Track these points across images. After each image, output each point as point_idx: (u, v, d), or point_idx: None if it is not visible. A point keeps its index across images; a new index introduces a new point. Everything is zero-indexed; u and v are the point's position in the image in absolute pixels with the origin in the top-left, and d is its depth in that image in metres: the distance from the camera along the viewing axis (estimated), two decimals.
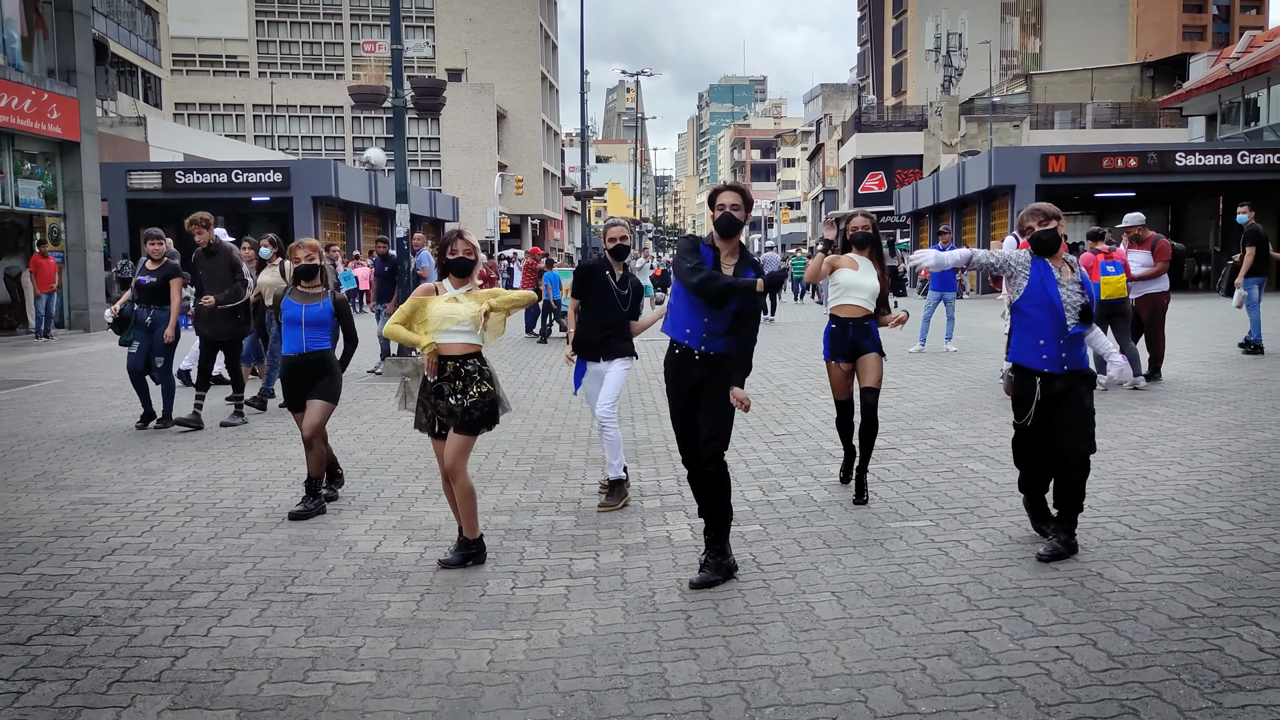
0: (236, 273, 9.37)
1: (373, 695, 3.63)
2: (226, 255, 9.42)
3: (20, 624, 4.33)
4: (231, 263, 9.39)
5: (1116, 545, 5.14)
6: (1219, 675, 3.57)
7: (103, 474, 7.33)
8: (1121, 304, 10.47)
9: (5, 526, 5.88)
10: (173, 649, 4.06)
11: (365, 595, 4.69)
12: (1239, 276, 12.95)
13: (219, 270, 9.33)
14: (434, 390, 5.05)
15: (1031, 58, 73.10)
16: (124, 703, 3.57)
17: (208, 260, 9.39)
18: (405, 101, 14.27)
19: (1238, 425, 8.33)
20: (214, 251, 9.38)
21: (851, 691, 3.56)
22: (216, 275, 9.31)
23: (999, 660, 3.77)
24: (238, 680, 3.76)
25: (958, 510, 5.92)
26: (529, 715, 3.46)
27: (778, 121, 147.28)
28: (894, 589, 4.60)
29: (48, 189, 21.29)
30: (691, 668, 3.81)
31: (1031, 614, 4.23)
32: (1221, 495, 6.09)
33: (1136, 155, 31.97)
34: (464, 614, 4.44)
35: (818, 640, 4.03)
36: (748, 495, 6.43)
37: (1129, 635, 3.96)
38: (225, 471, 7.37)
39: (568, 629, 4.24)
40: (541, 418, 9.66)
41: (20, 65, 20.29)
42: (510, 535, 5.65)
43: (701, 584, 4.69)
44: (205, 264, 9.40)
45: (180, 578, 4.94)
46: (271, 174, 32.89)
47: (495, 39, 75.41)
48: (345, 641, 4.13)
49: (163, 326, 9.14)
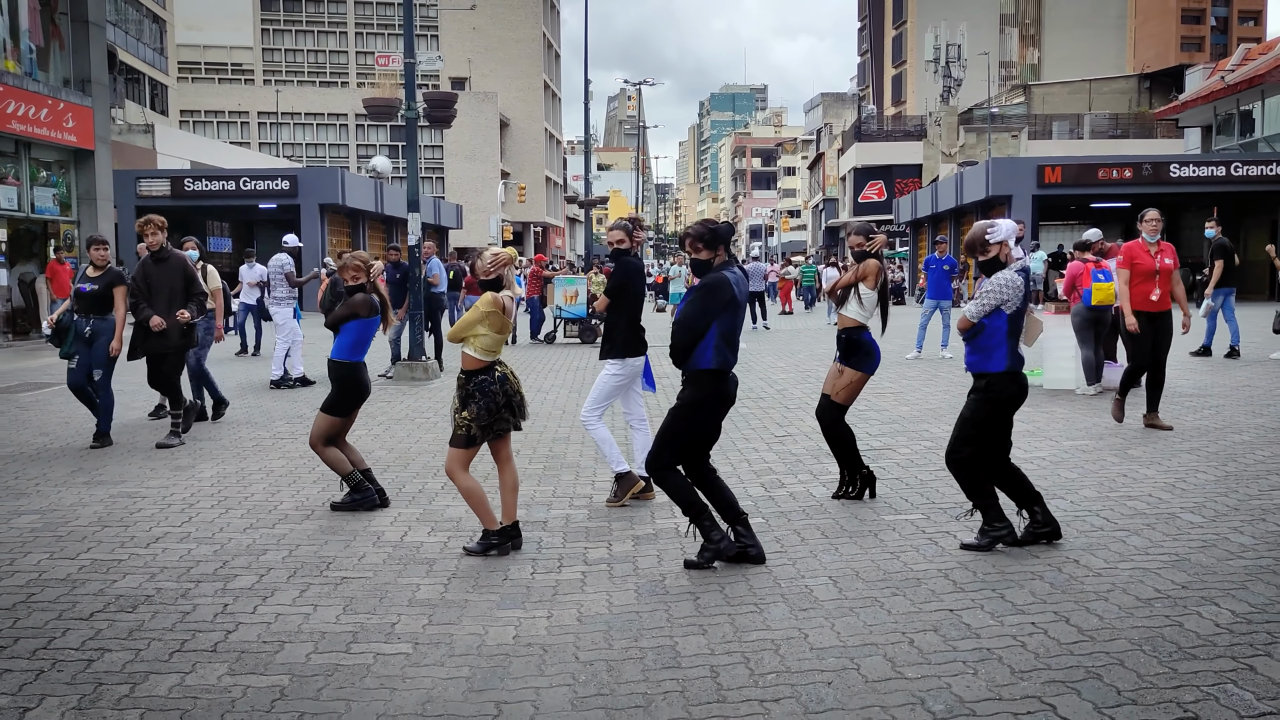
0: (193, 285, 8.67)
1: (410, 664, 4.00)
2: (180, 264, 8.66)
3: (81, 602, 4.70)
4: (187, 274, 8.65)
5: (1094, 536, 5.52)
6: (1176, 646, 3.95)
7: (135, 470, 7.71)
8: (1106, 311, 10.84)
9: (53, 517, 6.26)
10: (224, 624, 4.43)
11: (396, 579, 5.06)
12: (1209, 287, 13.69)
13: (170, 279, 8.56)
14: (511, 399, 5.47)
15: (1030, 69, 73.66)
16: (186, 669, 3.94)
17: (156, 267, 8.59)
18: (418, 114, 14.69)
19: (1218, 428, 8.71)
20: (164, 258, 8.63)
21: (845, 660, 3.93)
22: (165, 284, 8.54)
23: (980, 634, 4.15)
24: (286, 651, 4.13)
25: (948, 505, 6.29)
26: (553, 681, 3.83)
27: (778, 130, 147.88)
28: (886, 574, 4.98)
29: (63, 196, 21.71)
30: (700, 641, 4.18)
31: (1011, 595, 4.60)
32: (1196, 491, 6.47)
33: (1131, 166, 32.42)
34: (489, 595, 4.81)
35: (815, 618, 4.40)
36: (750, 491, 6.81)
37: (1099, 613, 4.34)
38: (253, 469, 7.75)
39: (585, 609, 4.61)
40: (551, 420, 10.04)
41: (38, 75, 20.73)
42: (528, 527, 6.02)
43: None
44: (154, 271, 8.59)
45: (223, 563, 5.31)
46: (279, 181, 33.34)
47: (498, 48, 76.02)
48: (381, 619, 4.50)
49: (104, 337, 8.52)
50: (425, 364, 13.80)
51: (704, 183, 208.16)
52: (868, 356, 6.37)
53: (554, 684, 3.79)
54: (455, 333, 5.47)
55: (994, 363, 5.24)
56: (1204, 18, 79.45)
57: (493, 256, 5.59)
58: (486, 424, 5.37)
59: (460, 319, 5.54)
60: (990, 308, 5.21)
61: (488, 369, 5.43)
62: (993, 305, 5.21)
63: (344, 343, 6.38)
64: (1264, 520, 5.76)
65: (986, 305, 5.22)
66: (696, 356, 5.08)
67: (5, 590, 4.87)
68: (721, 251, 5.22)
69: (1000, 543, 5.29)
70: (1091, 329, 10.79)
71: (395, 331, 13.92)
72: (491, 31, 75.90)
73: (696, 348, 5.07)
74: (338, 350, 6.39)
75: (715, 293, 5.06)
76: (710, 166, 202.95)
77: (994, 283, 5.23)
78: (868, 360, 6.37)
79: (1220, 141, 38.45)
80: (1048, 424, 9.14)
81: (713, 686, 3.72)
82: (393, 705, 3.61)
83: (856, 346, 6.36)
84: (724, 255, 5.22)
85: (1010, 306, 5.21)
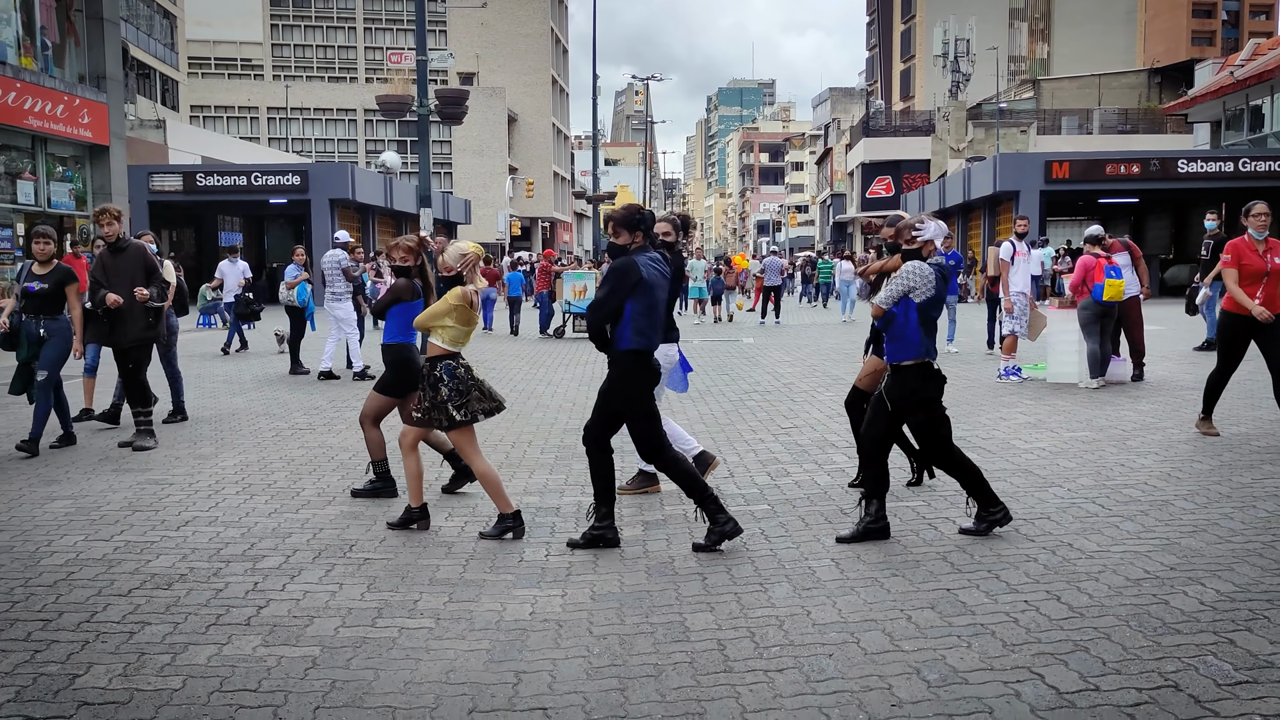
0: (154, 275, 8.29)
1: (434, 637, 4.22)
2: (139, 254, 8.28)
3: (119, 580, 4.94)
4: (146, 264, 8.27)
5: (1088, 521, 5.72)
6: (1161, 622, 4.15)
7: (161, 458, 7.95)
8: (1115, 307, 11.00)
9: (85, 503, 6.50)
10: (255, 600, 4.66)
11: (416, 560, 5.28)
12: (1208, 277, 13.78)
13: (128, 269, 8.18)
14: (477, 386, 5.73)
15: (1039, 63, 73.59)
16: (223, 640, 4.17)
17: (114, 258, 8.21)
18: (430, 111, 14.92)
19: (1216, 420, 8.87)
20: (121, 248, 8.25)
21: (846, 635, 4.14)
22: (124, 275, 8.14)
23: (974, 611, 4.35)
24: (316, 625, 4.35)
25: (949, 493, 6.48)
26: (568, 653, 4.04)
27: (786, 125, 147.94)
28: (887, 556, 5.19)
29: (78, 191, 21.99)
30: (708, 617, 4.39)
31: (1006, 576, 4.81)
32: (1190, 480, 6.66)
33: (1139, 162, 32.50)
34: (505, 575, 5.03)
35: (818, 596, 4.61)
36: (756, 479, 7.02)
37: (1089, 592, 4.54)
38: (273, 457, 7.98)
39: (598, 588, 4.83)
40: (561, 412, 10.25)
41: (54, 71, 20.99)
42: (541, 512, 6.24)
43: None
44: (111, 262, 8.22)
45: (250, 545, 5.55)
46: (290, 176, 33.61)
47: (506, 43, 76.22)
48: (404, 596, 4.73)
49: (59, 338, 8.13)
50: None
51: (711, 178, 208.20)
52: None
53: (569, 655, 4.00)
54: (422, 321, 5.77)
55: (907, 353, 5.39)
56: (1215, 12, 79.27)
57: (461, 254, 5.85)
58: (461, 404, 5.61)
59: (428, 309, 5.81)
60: (899, 294, 5.36)
61: (452, 356, 5.71)
62: (901, 291, 5.36)
63: (392, 327, 6.58)
64: (1254, 507, 5.95)
65: (895, 292, 5.37)
66: (617, 339, 5.33)
67: (46, 569, 5.11)
68: (639, 237, 5.45)
69: (997, 525, 5.48)
70: (1099, 323, 10.95)
71: None
72: (499, 27, 76.11)
73: (616, 331, 5.31)
74: (388, 334, 6.60)
75: (624, 275, 5.28)
76: (718, 162, 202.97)
77: (905, 270, 5.37)
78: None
79: (1229, 137, 38.46)
80: (1049, 416, 9.33)
81: (720, 658, 3.93)
82: (418, 674, 3.83)
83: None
84: (641, 240, 5.45)
85: (919, 295, 5.34)
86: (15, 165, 20.43)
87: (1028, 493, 6.44)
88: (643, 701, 3.56)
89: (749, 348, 17.47)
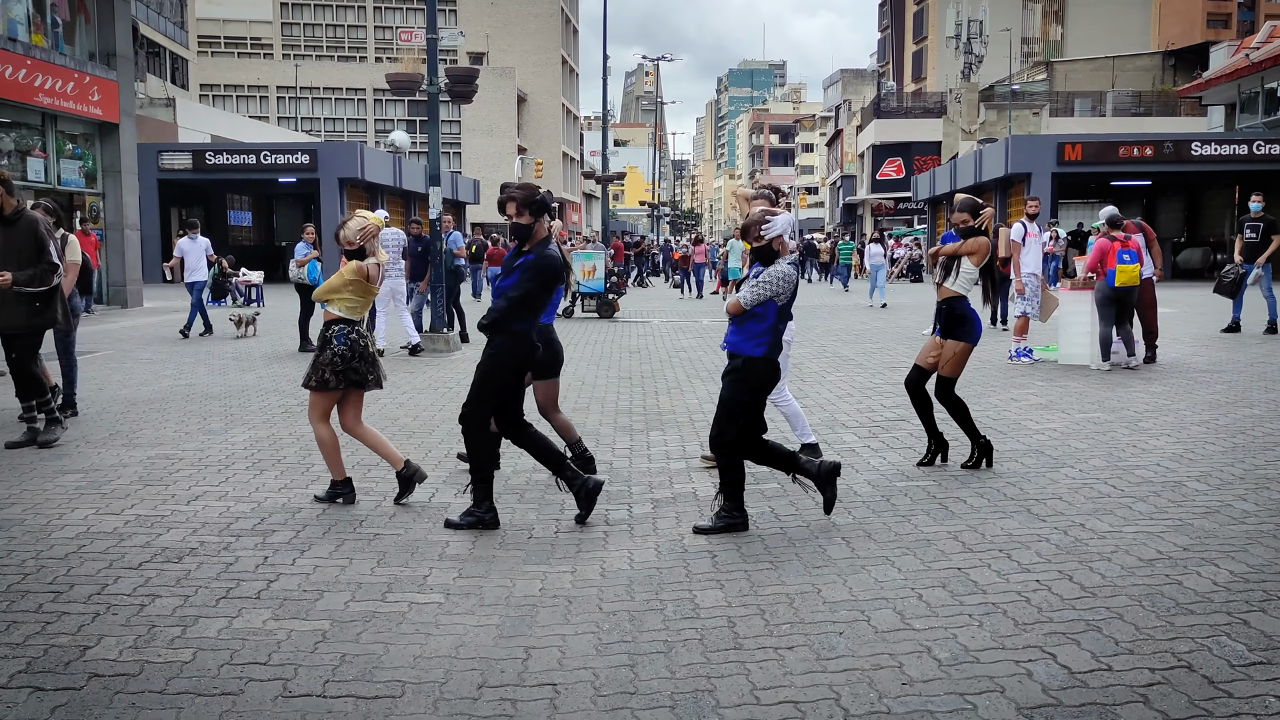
0: (43, 252, 7.33)
1: (443, 612, 4.22)
2: (30, 228, 7.33)
3: (129, 553, 4.94)
4: (37, 238, 7.31)
5: (1101, 502, 5.69)
6: (1174, 602, 4.13)
7: (171, 434, 7.96)
8: (1131, 292, 10.90)
9: (95, 477, 6.51)
10: (265, 574, 4.66)
11: (426, 536, 5.28)
12: (1261, 258, 13.69)
13: (19, 243, 7.28)
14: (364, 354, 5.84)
15: (1053, 45, 72.93)
16: (233, 613, 4.17)
17: (4, 230, 7.29)
18: (440, 89, 14.85)
19: (1229, 403, 8.83)
20: (12, 220, 7.32)
21: (857, 613, 4.12)
22: (14, 248, 7.26)
23: (986, 591, 4.33)
24: (326, 599, 4.35)
25: (959, 472, 6.46)
26: (578, 629, 4.03)
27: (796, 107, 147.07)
28: (897, 535, 5.16)
29: (88, 169, 22.00)
30: (718, 595, 4.38)
31: (1018, 555, 4.79)
32: (1203, 462, 6.62)
33: (1153, 144, 32.25)
34: (515, 551, 5.02)
35: (828, 575, 4.60)
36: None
37: (1101, 572, 4.52)
38: (283, 434, 7.99)
39: (608, 565, 4.82)
40: (570, 389, 10.24)
41: (64, 49, 20.97)
42: (550, 489, 6.22)
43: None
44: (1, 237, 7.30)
45: (261, 519, 5.55)
46: (299, 155, 33.58)
47: (516, 22, 75.88)
48: (414, 571, 4.72)
49: None
50: (447, 335, 14.02)
51: (721, 159, 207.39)
52: (970, 326, 6.46)
53: (579, 631, 4.00)
54: (320, 293, 5.93)
55: (753, 347, 5.24)
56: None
57: (360, 229, 5.89)
58: (341, 370, 5.74)
59: (325, 283, 5.93)
60: (764, 298, 5.20)
61: (347, 322, 5.81)
62: (766, 296, 5.21)
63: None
64: (1268, 489, 5.91)
65: (761, 295, 5.20)
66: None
67: (57, 542, 5.12)
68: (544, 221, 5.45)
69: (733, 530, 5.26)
70: (1113, 307, 10.86)
71: (417, 304, 14.14)
72: (509, 6, 75.76)
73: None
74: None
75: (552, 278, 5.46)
76: (728, 143, 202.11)
77: (771, 275, 5.20)
78: (970, 331, 6.46)
79: (1244, 119, 38.10)
80: (1061, 397, 9.28)
81: (730, 635, 3.92)
82: (428, 648, 3.83)
83: (960, 319, 6.46)
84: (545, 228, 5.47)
85: (781, 299, 5.24)
86: (25, 142, 20.44)
87: (1039, 473, 6.41)
88: (652, 678, 3.55)
89: None
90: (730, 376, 5.34)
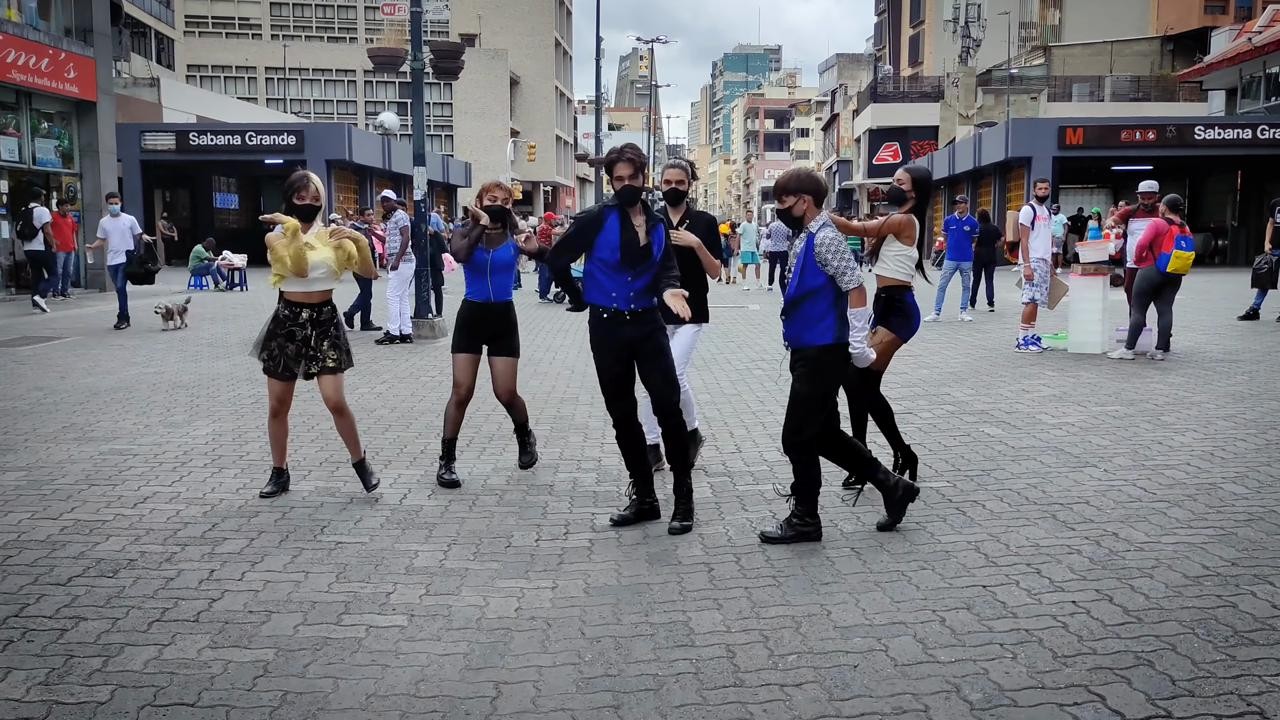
0: None
1: (405, 638, 3.73)
2: None
3: (60, 565, 4.44)
4: None
5: (1132, 507, 5.21)
6: (1232, 630, 3.65)
7: (129, 426, 7.45)
8: (1178, 281, 10.41)
9: (39, 475, 6.00)
10: (209, 591, 4.16)
11: (393, 545, 4.79)
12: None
13: None
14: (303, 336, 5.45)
15: (1051, 29, 72.25)
16: (165, 640, 3.68)
17: None
18: (424, 65, 14.26)
19: (1253, 394, 8.37)
20: None
21: (872, 641, 3.64)
22: None
23: (1016, 614, 3.85)
24: (274, 621, 3.86)
25: (974, 472, 5.99)
26: (557, 659, 3.55)
27: (792, 91, 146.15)
28: (913, 545, 4.68)
29: (64, 148, 21.35)
30: (715, 617, 3.90)
31: (1048, 570, 4.31)
32: (1236, 461, 6.15)
33: (1155, 128, 31.73)
34: (490, 564, 4.53)
35: (838, 593, 4.11)
36: (766, 455, 6.52)
37: (1144, 592, 4.04)
38: (249, 426, 7.48)
39: (593, 579, 4.33)
40: (559, 379, 9.74)
41: (38, 24, 20.29)
42: (533, 490, 5.75)
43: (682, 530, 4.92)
44: None
45: (212, 525, 5.05)
46: (285, 136, 32.86)
47: (509, 4, 74.86)
48: (376, 588, 4.23)
49: None
50: (431, 321, 13.49)
51: (716, 144, 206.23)
52: (905, 320, 5.61)
53: (558, 662, 3.51)
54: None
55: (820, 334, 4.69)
56: None
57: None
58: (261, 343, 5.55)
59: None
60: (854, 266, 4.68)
61: (287, 302, 5.53)
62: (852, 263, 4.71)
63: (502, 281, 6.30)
64: None
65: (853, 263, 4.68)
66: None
67: None
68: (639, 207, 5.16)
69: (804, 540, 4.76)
70: (1152, 295, 10.36)
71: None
72: None
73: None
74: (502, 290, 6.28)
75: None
76: (722, 127, 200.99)
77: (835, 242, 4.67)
78: (904, 323, 5.61)
79: (1245, 105, 37.54)
80: (1075, 388, 8.80)
81: (729, 668, 3.44)
82: (384, 684, 3.34)
83: (894, 308, 5.60)
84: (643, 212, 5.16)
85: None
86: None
87: (1061, 474, 5.93)
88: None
89: (755, 314, 16.92)
90: (803, 369, 4.75)
